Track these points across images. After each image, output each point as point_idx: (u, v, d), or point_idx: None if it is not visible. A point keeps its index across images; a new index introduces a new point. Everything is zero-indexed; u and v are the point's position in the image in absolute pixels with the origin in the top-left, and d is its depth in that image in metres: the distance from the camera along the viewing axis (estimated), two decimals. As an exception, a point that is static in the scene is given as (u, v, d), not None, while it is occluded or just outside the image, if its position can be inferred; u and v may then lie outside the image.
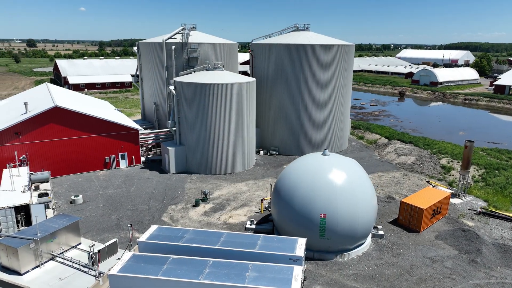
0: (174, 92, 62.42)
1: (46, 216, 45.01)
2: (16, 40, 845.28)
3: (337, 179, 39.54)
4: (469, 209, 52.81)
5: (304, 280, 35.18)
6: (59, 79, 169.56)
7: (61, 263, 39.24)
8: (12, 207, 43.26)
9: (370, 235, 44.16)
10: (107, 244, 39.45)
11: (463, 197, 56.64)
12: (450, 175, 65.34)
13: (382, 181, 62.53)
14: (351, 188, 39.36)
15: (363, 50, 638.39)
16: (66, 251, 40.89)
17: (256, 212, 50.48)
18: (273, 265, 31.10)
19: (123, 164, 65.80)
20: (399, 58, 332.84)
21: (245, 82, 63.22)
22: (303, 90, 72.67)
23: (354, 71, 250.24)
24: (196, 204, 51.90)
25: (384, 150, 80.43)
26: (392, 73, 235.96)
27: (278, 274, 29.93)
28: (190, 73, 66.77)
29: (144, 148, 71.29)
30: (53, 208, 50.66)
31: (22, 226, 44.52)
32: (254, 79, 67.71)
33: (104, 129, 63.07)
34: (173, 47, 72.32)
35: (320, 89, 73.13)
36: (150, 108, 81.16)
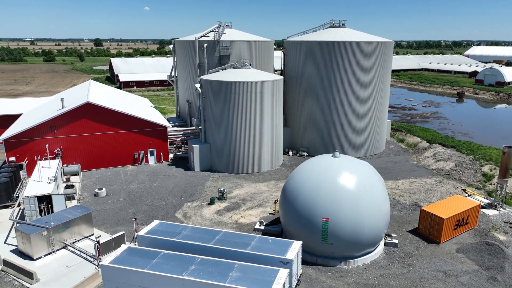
0: (200, 90, 63.13)
1: (66, 207, 47.18)
2: (85, 39, 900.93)
3: (343, 182, 37.83)
4: (504, 222, 48.53)
5: (297, 284, 34.09)
6: (113, 77, 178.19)
7: (72, 252, 41.10)
8: (36, 197, 45.84)
9: (383, 243, 41.91)
10: (114, 236, 40.76)
11: (500, 209, 52.18)
12: (490, 184, 60.44)
13: (412, 187, 59.18)
14: (358, 193, 37.48)
15: (430, 47, 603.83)
16: (78, 240, 42.72)
17: (269, 213, 49.71)
18: (259, 267, 30.46)
19: (151, 160, 67.59)
20: (468, 56, 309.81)
21: (270, 80, 62.49)
22: (335, 89, 70.56)
23: (413, 70, 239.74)
24: (211, 202, 52.08)
25: (423, 154, 76.11)
26: (455, 72, 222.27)
27: (262, 276, 29.26)
28: (218, 71, 67.18)
29: (174, 145, 72.83)
30: (78, 200, 53.13)
31: (45, 214, 46.97)
32: (281, 77, 66.81)
33: (133, 126, 65.13)
34: (205, 45, 73.18)
35: (354, 88, 70.58)
36: (184, 106, 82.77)
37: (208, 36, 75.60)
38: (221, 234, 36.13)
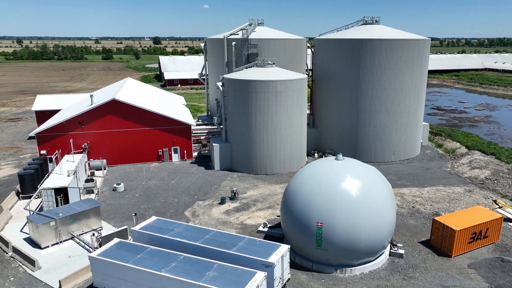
0: (221, 88, 63.40)
1: (80, 199, 49.24)
2: (146, 38, 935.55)
3: (342, 187, 36.32)
4: (532, 237, 44.39)
5: (282, 290, 33.21)
6: (161, 75, 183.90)
7: (78, 243, 42.77)
8: (53, 189, 48.29)
9: (388, 253, 39.83)
10: (116, 230, 41.91)
11: (533, 223, 47.87)
12: (528, 196, 55.63)
13: (437, 195, 55.73)
14: (357, 198, 35.82)
15: (503, 45, 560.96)
16: (86, 232, 44.39)
17: (277, 216, 48.88)
18: (237, 268, 30.20)
19: (175, 157, 68.82)
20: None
21: (292, 79, 61.40)
22: (364, 90, 67.96)
23: (475, 70, 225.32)
24: (222, 202, 52.11)
25: (459, 161, 71.45)
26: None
27: (237, 277, 29.00)
28: (243, 69, 67.10)
29: (200, 143, 73.73)
30: (96, 194, 55.26)
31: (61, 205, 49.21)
32: (305, 76, 65.38)
33: (158, 123, 66.64)
34: (233, 43, 73.37)
35: (384, 89, 67.56)
36: (213, 104, 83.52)
37: (237, 34, 75.73)
38: (211, 233, 36.13)
